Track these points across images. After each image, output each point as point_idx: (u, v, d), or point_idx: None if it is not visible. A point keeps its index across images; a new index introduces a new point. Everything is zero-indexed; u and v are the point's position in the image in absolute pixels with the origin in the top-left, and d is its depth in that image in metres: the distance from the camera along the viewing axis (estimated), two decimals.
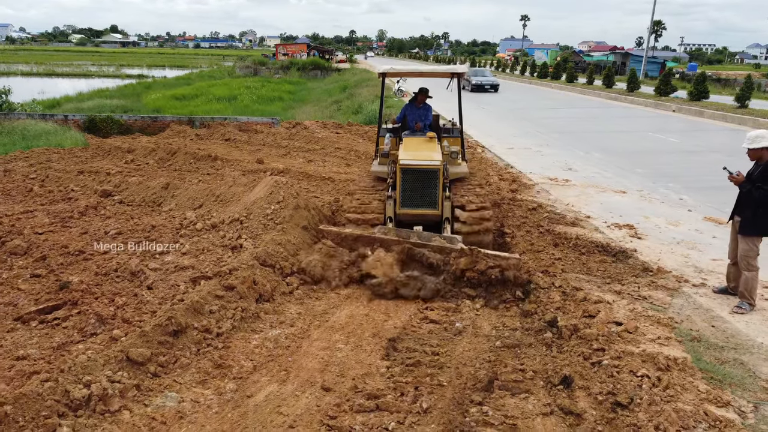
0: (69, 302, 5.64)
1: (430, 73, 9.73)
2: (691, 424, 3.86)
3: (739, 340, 5.11)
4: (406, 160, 7.10)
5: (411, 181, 7.11)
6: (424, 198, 7.15)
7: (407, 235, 6.54)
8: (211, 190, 9.03)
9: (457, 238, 6.56)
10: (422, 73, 9.68)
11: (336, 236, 6.86)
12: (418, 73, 9.56)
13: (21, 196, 9.55)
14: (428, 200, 7.16)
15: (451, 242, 6.41)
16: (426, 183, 7.11)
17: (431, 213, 7.17)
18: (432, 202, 7.16)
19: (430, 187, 7.12)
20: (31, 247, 7.08)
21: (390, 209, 7.19)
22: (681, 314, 5.60)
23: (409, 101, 9.16)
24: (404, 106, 9.08)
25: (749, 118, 20.24)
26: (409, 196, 7.17)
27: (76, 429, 3.80)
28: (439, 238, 6.46)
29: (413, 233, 6.58)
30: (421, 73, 9.64)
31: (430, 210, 7.16)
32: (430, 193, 7.15)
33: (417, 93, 8.78)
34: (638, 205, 9.66)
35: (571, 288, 6.06)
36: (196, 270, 6.37)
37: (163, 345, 4.78)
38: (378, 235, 6.63)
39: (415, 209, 7.17)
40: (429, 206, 7.16)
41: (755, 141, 5.63)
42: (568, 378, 4.49)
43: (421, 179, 7.10)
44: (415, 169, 7.07)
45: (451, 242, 6.41)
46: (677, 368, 4.53)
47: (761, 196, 5.50)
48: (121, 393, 4.19)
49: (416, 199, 7.16)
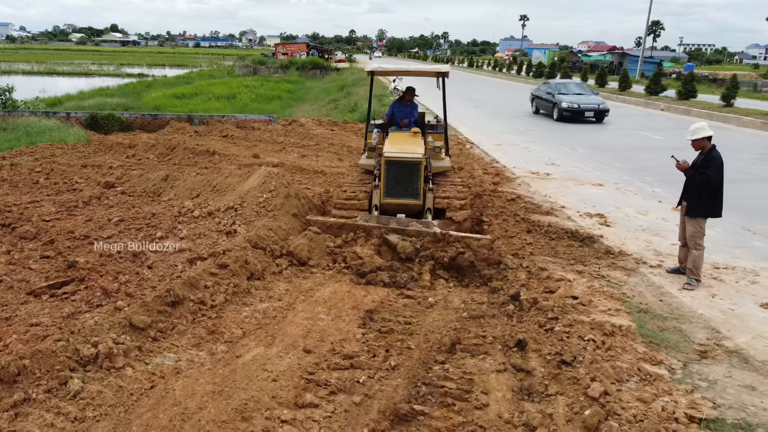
0: (77, 279, 6.19)
1: (416, 72, 10.24)
2: (625, 378, 4.41)
3: (682, 312, 5.65)
4: (391, 153, 7.57)
5: (394, 172, 7.56)
6: (406, 189, 7.59)
7: (387, 221, 7.07)
8: (208, 180, 9.57)
9: (433, 223, 7.09)
10: (408, 71, 10.13)
11: (322, 225, 7.38)
12: (405, 71, 10.08)
13: (27, 188, 10.09)
14: (410, 191, 7.59)
15: (428, 227, 6.95)
16: (408, 175, 7.56)
17: (413, 203, 7.60)
18: (414, 193, 7.59)
19: (413, 178, 7.57)
20: (39, 233, 7.63)
21: (376, 197, 7.65)
22: (634, 290, 6.15)
23: (396, 99, 9.61)
24: (392, 103, 9.56)
25: (733, 117, 20.82)
26: (393, 187, 7.60)
27: (85, 381, 4.34)
28: (416, 223, 7.00)
29: (393, 219, 7.11)
30: (408, 71, 10.12)
31: (412, 200, 7.60)
32: (412, 185, 7.59)
33: (404, 92, 9.24)
34: (613, 197, 10.20)
35: (537, 268, 6.62)
36: (192, 252, 6.91)
37: (162, 314, 5.33)
38: (360, 222, 7.17)
39: (398, 199, 7.60)
40: (411, 197, 7.60)
41: (696, 132, 6.17)
42: (523, 341, 5.04)
43: (403, 171, 7.55)
44: (399, 161, 7.51)
45: (427, 227, 6.95)
46: (621, 334, 5.08)
47: (703, 181, 6.06)
48: (124, 353, 4.74)
49: (399, 189, 7.59)
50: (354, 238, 7.09)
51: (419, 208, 7.62)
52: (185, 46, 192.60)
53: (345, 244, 7.11)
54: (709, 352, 4.88)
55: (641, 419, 3.86)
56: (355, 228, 7.18)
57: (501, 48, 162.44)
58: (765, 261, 7.13)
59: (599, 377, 4.33)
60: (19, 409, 3.99)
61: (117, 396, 4.24)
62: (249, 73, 51.75)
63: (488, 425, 4.02)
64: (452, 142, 15.42)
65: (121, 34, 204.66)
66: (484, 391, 4.43)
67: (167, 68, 65.27)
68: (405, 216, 7.33)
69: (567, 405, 4.17)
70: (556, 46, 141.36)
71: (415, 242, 6.82)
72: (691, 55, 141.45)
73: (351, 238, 7.11)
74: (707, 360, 4.77)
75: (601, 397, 4.09)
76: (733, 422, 3.90)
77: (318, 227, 7.33)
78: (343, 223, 7.29)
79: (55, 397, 4.16)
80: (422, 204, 7.62)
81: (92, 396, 4.20)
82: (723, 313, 5.67)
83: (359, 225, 7.16)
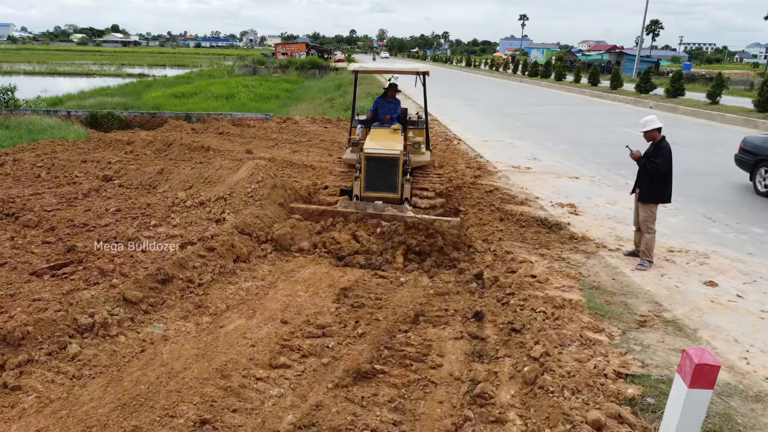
0: (75, 261, 6.70)
1: (398, 71, 10.51)
2: (567, 342, 4.91)
3: (631, 289, 6.15)
4: (370, 149, 7.94)
5: (374, 167, 7.95)
6: (385, 183, 8.00)
7: (364, 207, 7.57)
8: (200, 173, 10.09)
9: (408, 209, 7.59)
10: (388, 70, 10.25)
11: (304, 211, 7.90)
12: (385, 70, 10.25)
13: (30, 181, 10.60)
14: (389, 185, 8.01)
15: (402, 211, 7.45)
16: (387, 169, 7.95)
17: (391, 196, 8.00)
18: (392, 186, 8.01)
19: (391, 173, 7.96)
20: (41, 221, 8.14)
21: (357, 188, 8.09)
22: (590, 271, 6.64)
23: (380, 95, 9.76)
24: (376, 99, 9.78)
25: (717, 114, 21.27)
26: (372, 181, 8.01)
27: (82, 346, 4.86)
28: (391, 208, 7.50)
29: (370, 205, 7.60)
30: (388, 70, 10.23)
31: (390, 194, 8.01)
32: (390, 179, 7.99)
33: (387, 88, 9.48)
34: (587, 189, 10.69)
35: (503, 251, 7.12)
36: (184, 238, 7.41)
37: (153, 290, 5.84)
38: (339, 208, 7.68)
39: (377, 193, 8.01)
40: (389, 190, 8.02)
41: (647, 125, 6.66)
42: (480, 313, 5.55)
43: (382, 166, 7.94)
44: (377, 156, 7.89)
45: (401, 212, 7.45)
46: (570, 306, 5.58)
47: (653, 169, 6.56)
48: (118, 323, 5.25)
49: (378, 183, 8.01)
50: (333, 223, 7.59)
51: (398, 201, 8.03)
52: (186, 46, 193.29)
53: (324, 230, 7.63)
54: (647, 322, 5.37)
55: (574, 374, 4.36)
56: (335, 214, 7.67)
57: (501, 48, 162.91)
58: (717, 245, 7.62)
59: (543, 341, 4.83)
60: (23, 368, 4.51)
61: (111, 358, 4.75)
62: (248, 72, 52.25)
63: (439, 381, 4.53)
64: (440, 139, 15.97)
65: (122, 35, 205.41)
66: (440, 354, 4.94)
67: (168, 68, 65.76)
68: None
69: (512, 365, 4.68)
70: (557, 45, 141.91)
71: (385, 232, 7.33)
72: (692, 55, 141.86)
73: (330, 224, 7.61)
74: (645, 328, 5.27)
75: (542, 357, 4.60)
76: (657, 378, 4.39)
77: (300, 214, 7.84)
78: (324, 209, 7.78)
79: (55, 359, 4.68)
80: (400, 196, 8.04)
81: (88, 358, 4.73)
82: (668, 289, 6.17)
83: (338, 211, 7.65)
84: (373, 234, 7.36)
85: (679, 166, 11.36)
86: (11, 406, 4.09)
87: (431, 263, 6.99)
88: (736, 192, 10.65)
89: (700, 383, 3.35)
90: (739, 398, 4.19)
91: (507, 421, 4.00)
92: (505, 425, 3.97)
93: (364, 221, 7.53)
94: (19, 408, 4.07)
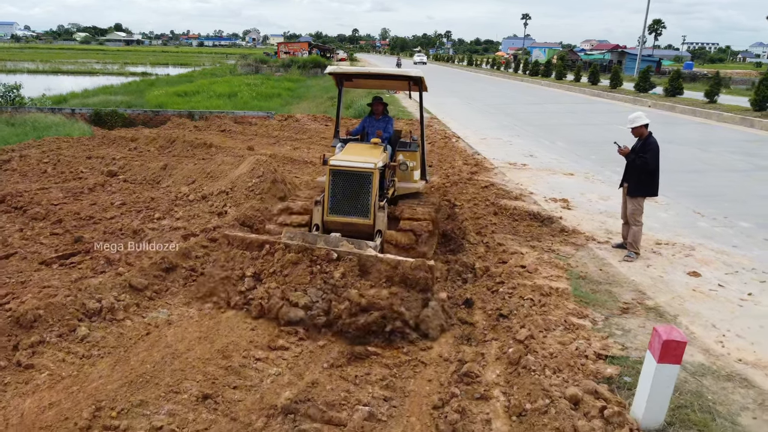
0: (83, 251, 6.97)
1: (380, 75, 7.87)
2: (552, 327, 5.15)
3: (616, 279, 6.40)
4: (338, 162, 6.38)
5: (341, 185, 6.35)
6: (355, 205, 6.37)
7: (314, 240, 5.81)
8: (203, 168, 10.36)
9: (369, 244, 5.85)
10: (371, 74, 7.86)
11: (241, 242, 6.10)
12: (367, 74, 7.87)
13: (36, 177, 10.87)
14: (359, 208, 6.36)
15: (360, 248, 5.69)
16: (357, 188, 6.33)
17: (362, 222, 6.36)
18: (363, 210, 6.35)
19: (362, 192, 6.32)
20: (48, 214, 8.41)
21: (317, 216, 6.48)
22: (578, 262, 6.89)
23: (368, 114, 8.13)
24: (363, 119, 8.16)
25: (714, 113, 21.49)
26: (339, 202, 6.39)
27: (91, 329, 5.12)
28: (347, 243, 5.72)
29: (320, 238, 5.83)
30: (370, 74, 7.86)
31: (360, 219, 6.36)
32: (361, 200, 6.34)
33: (371, 104, 7.91)
34: (580, 185, 10.93)
35: (496, 243, 7.37)
36: (187, 230, 7.67)
37: (158, 278, 6.11)
38: (284, 240, 5.92)
39: (344, 217, 6.38)
40: (360, 214, 6.36)
41: (634, 121, 6.91)
42: (470, 300, 5.80)
43: (351, 183, 6.34)
44: (346, 171, 6.30)
45: (359, 248, 5.69)
46: (556, 294, 5.83)
47: (641, 164, 6.80)
48: (124, 308, 5.52)
49: (346, 205, 6.38)
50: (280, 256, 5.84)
51: (369, 229, 6.37)
52: (189, 45, 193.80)
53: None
54: (630, 309, 5.62)
55: (556, 356, 4.61)
56: (277, 247, 5.89)
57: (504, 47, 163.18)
58: (704, 238, 7.86)
59: (528, 326, 5.08)
60: (35, 348, 4.77)
61: (118, 340, 5.01)
62: (251, 71, 52.45)
63: (429, 362, 4.79)
64: (439, 136, 16.21)
65: (125, 34, 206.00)
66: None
67: (170, 67, 66.01)
68: (341, 235, 5.96)
69: (498, 347, 4.93)
70: (560, 45, 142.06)
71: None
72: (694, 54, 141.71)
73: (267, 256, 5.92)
74: (627, 315, 5.52)
75: (526, 340, 4.85)
76: (635, 359, 4.63)
77: (236, 245, 6.11)
78: (264, 240, 6.01)
79: (66, 341, 4.94)
80: (373, 224, 6.36)
81: (97, 340, 4.99)
82: (653, 279, 6.41)
83: (283, 243, 5.88)
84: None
85: (673, 163, 11.65)
86: (25, 383, 4.35)
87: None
88: (726, 188, 10.88)
89: (669, 358, 3.61)
90: (711, 378, 4.43)
91: (491, 398, 4.25)
92: (489, 401, 4.22)
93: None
94: (32, 384, 4.33)
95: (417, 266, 5.33)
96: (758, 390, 4.29)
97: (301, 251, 5.72)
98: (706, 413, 3.95)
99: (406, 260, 5.44)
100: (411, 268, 5.32)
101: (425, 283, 5.33)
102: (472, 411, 4.11)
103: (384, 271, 5.41)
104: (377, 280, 5.41)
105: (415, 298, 5.29)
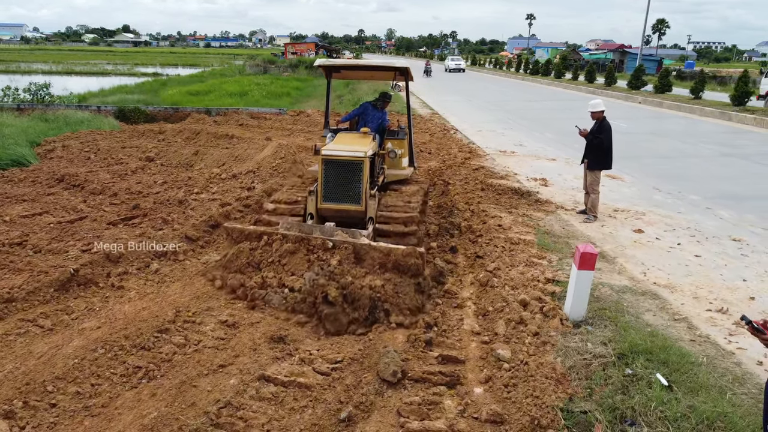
0: (141, 215, 8.52)
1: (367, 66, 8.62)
2: (516, 264, 6.65)
3: (575, 234, 7.90)
4: (329, 151, 6.70)
5: (333, 173, 6.66)
6: (346, 192, 6.69)
7: (310, 230, 6.17)
8: (231, 153, 11.93)
9: (362, 233, 6.17)
10: (358, 65, 8.84)
11: (240, 233, 6.48)
12: (355, 65, 8.89)
13: (82, 162, 12.43)
14: (351, 195, 6.69)
15: (354, 236, 6.06)
16: (349, 176, 6.65)
17: (354, 209, 6.69)
18: (355, 197, 6.68)
19: (354, 180, 6.65)
20: (104, 189, 9.96)
21: (311, 205, 6.79)
22: (546, 223, 8.40)
23: (371, 103, 8.58)
24: (363, 104, 8.59)
25: (697, 108, 22.97)
26: (331, 190, 6.71)
27: (160, 265, 6.67)
28: (341, 233, 6.07)
29: (316, 228, 6.18)
30: (358, 65, 8.84)
31: (352, 206, 6.69)
32: (353, 187, 6.67)
33: (379, 99, 8.51)
34: (560, 168, 12.43)
35: (480, 210, 8.88)
36: (223, 200, 9.22)
37: (206, 232, 7.69)
38: (281, 231, 6.26)
39: (337, 204, 6.71)
40: (352, 201, 6.69)
41: (595, 107, 8.44)
42: (454, 248, 7.33)
43: (343, 171, 6.65)
44: (337, 160, 6.62)
45: (353, 236, 6.05)
46: (524, 243, 7.33)
47: (598, 143, 8.33)
48: (183, 252, 7.09)
49: (338, 193, 6.70)
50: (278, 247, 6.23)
51: (361, 215, 6.70)
52: (196, 46, 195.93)
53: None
54: None
55: (515, 279, 6.12)
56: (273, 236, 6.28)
57: (509, 47, 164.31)
58: (655, 207, 9.36)
59: (497, 262, 6.60)
60: (122, 276, 6.33)
61: (182, 273, 6.58)
62: (259, 71, 53.99)
63: None
64: (438, 129, 17.72)
65: (132, 35, 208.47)
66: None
67: (180, 68, 67.50)
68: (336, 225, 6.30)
69: (473, 276, 6.45)
70: (565, 44, 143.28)
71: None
72: (700, 53, 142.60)
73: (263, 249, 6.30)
74: None
75: (494, 270, 6.36)
76: None
77: (235, 237, 6.49)
78: (263, 231, 6.38)
79: (143, 272, 6.51)
80: (364, 210, 6.69)
81: (166, 273, 6.56)
82: (603, 234, 7.93)
83: (280, 233, 6.23)
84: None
85: (647, 151, 13.14)
86: (120, 297, 5.91)
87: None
88: (688, 171, 12.35)
89: (585, 266, 5.12)
90: (630, 294, 5.94)
91: (465, 306, 5.77)
92: (463, 309, 5.74)
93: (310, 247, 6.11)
94: (126, 297, 5.89)
95: (408, 253, 5.72)
96: (662, 300, 5.80)
97: (298, 241, 6.10)
98: (619, 312, 5.45)
99: (398, 247, 5.80)
100: (403, 255, 5.72)
101: (416, 268, 5.74)
102: (449, 314, 5.63)
103: (377, 258, 5.80)
104: (371, 267, 5.81)
105: (407, 282, 5.71)
